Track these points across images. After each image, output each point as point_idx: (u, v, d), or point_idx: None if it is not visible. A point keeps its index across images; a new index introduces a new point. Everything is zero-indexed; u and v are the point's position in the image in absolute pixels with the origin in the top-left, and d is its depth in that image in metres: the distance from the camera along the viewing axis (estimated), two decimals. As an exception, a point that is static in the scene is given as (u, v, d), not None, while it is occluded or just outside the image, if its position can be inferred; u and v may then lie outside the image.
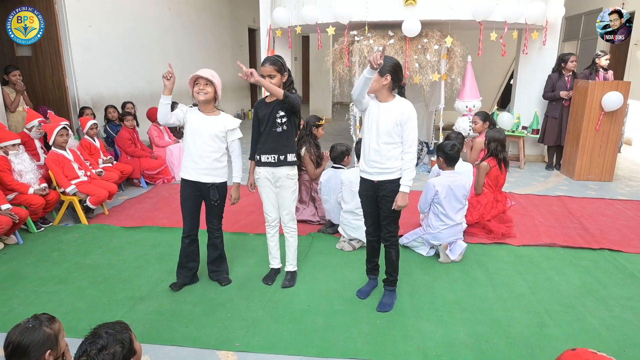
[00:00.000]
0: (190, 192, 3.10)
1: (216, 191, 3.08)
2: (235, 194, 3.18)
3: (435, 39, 5.77)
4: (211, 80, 2.93)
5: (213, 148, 3.01)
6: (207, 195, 3.09)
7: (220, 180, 3.09)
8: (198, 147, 2.99)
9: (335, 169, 4.15)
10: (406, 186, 2.73)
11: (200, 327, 2.75)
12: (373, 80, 2.62)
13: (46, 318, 1.74)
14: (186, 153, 3.06)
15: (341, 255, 3.78)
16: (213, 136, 2.99)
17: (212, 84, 2.95)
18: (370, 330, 2.73)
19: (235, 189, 3.17)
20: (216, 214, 3.20)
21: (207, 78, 2.92)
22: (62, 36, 6.24)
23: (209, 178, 3.05)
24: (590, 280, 3.37)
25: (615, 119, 5.90)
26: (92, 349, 1.61)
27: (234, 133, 3.07)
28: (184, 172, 3.09)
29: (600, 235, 4.20)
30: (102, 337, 1.64)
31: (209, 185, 3.05)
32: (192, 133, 3.00)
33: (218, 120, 3.03)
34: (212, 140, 3.00)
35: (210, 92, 2.95)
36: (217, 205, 3.13)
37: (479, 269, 3.53)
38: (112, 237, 4.17)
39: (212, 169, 3.03)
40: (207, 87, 2.94)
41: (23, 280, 3.34)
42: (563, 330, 2.74)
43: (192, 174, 3.05)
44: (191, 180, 3.06)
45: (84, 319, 2.83)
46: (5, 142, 4.25)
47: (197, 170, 3.03)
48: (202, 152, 3.00)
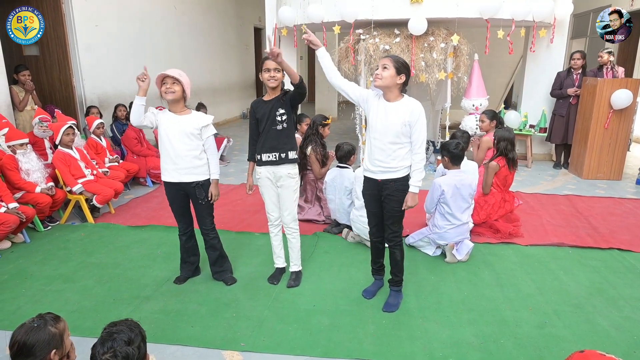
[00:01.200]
0: (175, 193, 3.11)
1: (202, 189, 3.06)
2: (215, 190, 3.13)
3: (442, 37, 5.72)
4: (178, 79, 2.90)
5: (190, 146, 2.99)
6: (193, 195, 3.08)
7: (203, 178, 3.07)
8: (175, 147, 2.97)
9: (341, 169, 4.13)
10: (415, 187, 2.71)
11: (206, 326, 2.75)
12: (389, 76, 2.60)
13: (51, 317, 1.74)
14: (164, 155, 3.04)
15: (347, 255, 3.76)
16: (188, 134, 2.97)
17: (179, 83, 2.91)
18: (376, 331, 2.71)
19: (214, 185, 3.12)
20: (207, 213, 3.18)
21: (174, 77, 2.88)
22: (69, 36, 6.27)
23: (191, 177, 3.03)
24: (599, 281, 3.33)
25: (624, 117, 5.83)
26: (118, 344, 1.60)
27: (207, 129, 3.05)
28: (165, 175, 3.08)
29: (610, 235, 4.15)
30: (124, 332, 1.64)
31: (193, 184, 3.04)
32: (167, 134, 2.97)
33: (190, 118, 3.01)
34: (188, 139, 2.97)
35: (178, 91, 2.91)
36: (204, 204, 3.12)
37: (486, 269, 3.50)
38: (118, 236, 4.18)
39: (193, 167, 3.02)
40: (175, 86, 2.90)
41: (30, 278, 3.36)
42: (571, 331, 2.71)
43: (173, 175, 3.04)
44: (174, 182, 3.05)
45: (90, 317, 2.84)
46: (14, 141, 4.28)
47: (178, 170, 3.01)
48: (180, 151, 2.97)
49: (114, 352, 1.58)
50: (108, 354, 1.57)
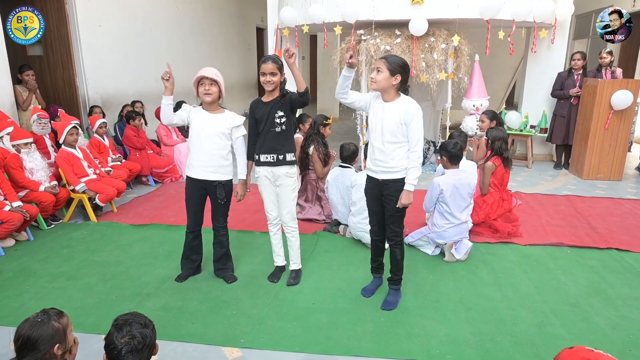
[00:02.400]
0: (195, 190, 3.15)
1: (222, 189, 3.11)
2: (242, 190, 3.20)
3: (443, 38, 5.75)
4: (216, 79, 2.96)
5: (219, 145, 3.04)
6: (213, 193, 3.13)
7: (226, 178, 3.12)
8: (204, 145, 3.03)
9: (343, 168, 4.16)
10: (411, 184, 2.73)
11: (206, 323, 2.79)
12: (382, 79, 2.64)
13: (54, 312, 1.78)
14: (192, 152, 3.09)
15: (346, 254, 3.79)
16: (219, 133, 3.03)
17: (216, 84, 2.98)
18: (375, 329, 2.74)
19: (241, 185, 3.19)
20: (222, 212, 3.23)
21: (212, 78, 2.95)
22: (73, 36, 6.31)
23: (215, 176, 3.08)
24: (597, 280, 3.35)
25: (624, 117, 5.85)
26: (136, 327, 1.69)
27: (238, 130, 3.10)
28: (190, 171, 3.13)
29: (609, 235, 4.17)
30: (139, 317, 1.74)
31: (215, 183, 3.09)
32: (198, 131, 3.03)
33: (223, 117, 3.06)
34: (219, 138, 3.03)
35: (215, 92, 2.98)
36: (223, 203, 3.16)
37: (484, 268, 3.53)
38: (120, 235, 4.22)
39: (219, 166, 3.07)
40: (212, 87, 2.97)
41: (33, 276, 3.41)
42: (568, 329, 2.73)
43: (199, 172, 3.09)
44: (198, 178, 3.09)
45: (93, 314, 2.88)
46: (18, 141, 4.32)
47: (205, 168, 3.07)
48: (209, 149, 3.03)
49: (132, 335, 1.66)
50: (127, 337, 1.66)
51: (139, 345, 1.66)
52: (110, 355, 1.67)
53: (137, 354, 1.67)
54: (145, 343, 1.69)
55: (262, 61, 2.93)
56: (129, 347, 1.65)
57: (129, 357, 1.65)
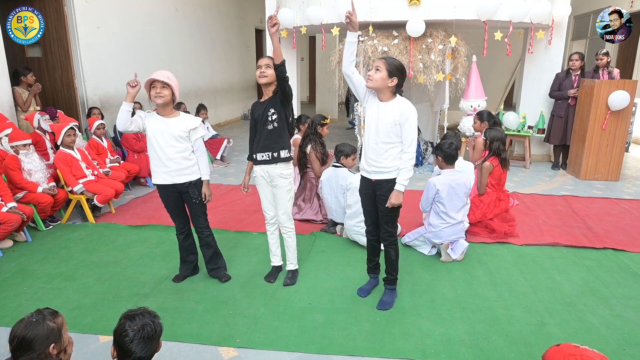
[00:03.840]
0: (168, 195, 3.15)
1: (195, 189, 3.11)
2: (207, 190, 3.17)
3: (440, 39, 5.77)
4: (168, 83, 2.92)
5: (178, 149, 3.02)
6: (186, 195, 3.13)
7: (195, 178, 3.12)
8: (164, 150, 3.00)
9: (336, 168, 4.17)
10: (401, 185, 2.73)
11: (202, 323, 2.80)
12: (380, 79, 2.64)
13: (49, 312, 1.79)
14: (153, 158, 3.06)
15: (343, 254, 3.80)
16: (177, 137, 3.00)
17: (168, 87, 2.94)
18: (370, 328, 2.75)
19: (206, 186, 3.16)
20: (200, 211, 3.23)
21: (163, 81, 2.91)
22: (71, 37, 6.34)
23: (183, 178, 3.08)
24: (592, 280, 3.36)
25: (622, 118, 5.86)
26: (147, 317, 1.75)
27: (196, 132, 3.08)
28: (156, 178, 3.11)
29: (605, 235, 4.18)
30: (148, 310, 1.81)
31: (186, 184, 3.09)
32: (155, 137, 3.00)
33: (178, 121, 3.03)
34: (177, 141, 3.01)
35: (167, 95, 2.94)
36: (198, 202, 3.16)
37: (480, 268, 3.54)
38: (118, 236, 4.24)
39: (183, 168, 3.06)
40: (164, 90, 2.93)
41: (31, 276, 3.42)
42: (562, 328, 2.75)
43: (165, 178, 3.07)
44: (166, 184, 3.09)
45: (90, 314, 2.90)
46: (17, 142, 4.34)
47: (169, 173, 3.05)
48: (169, 154, 3.01)
49: (144, 323, 1.72)
50: (140, 324, 1.72)
51: (151, 332, 1.72)
52: (121, 346, 1.71)
53: (149, 342, 1.72)
54: (156, 332, 1.75)
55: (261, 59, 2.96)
56: (142, 333, 1.70)
57: (141, 344, 1.70)
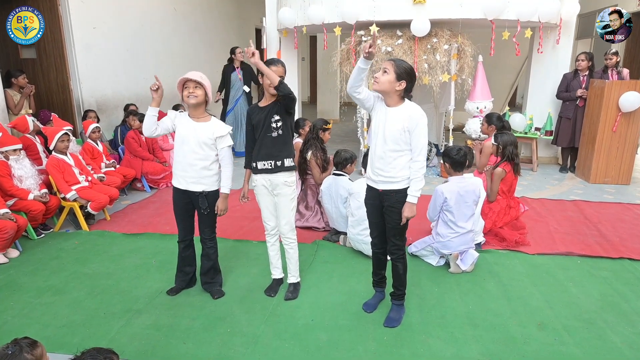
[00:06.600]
0: (180, 199, 3.02)
1: (205, 200, 2.96)
2: (222, 205, 3.01)
3: (445, 39, 5.60)
4: (200, 82, 2.81)
5: (200, 156, 2.88)
6: (197, 203, 2.99)
7: (211, 189, 2.97)
8: (186, 155, 2.88)
9: (336, 177, 4.00)
10: (414, 196, 2.57)
11: (199, 343, 2.63)
12: (386, 81, 2.48)
13: (27, 343, 1.63)
14: (176, 160, 2.95)
15: (347, 265, 3.63)
16: (201, 144, 2.87)
17: (201, 87, 2.83)
18: (377, 348, 2.58)
19: (222, 200, 3.00)
20: (208, 223, 3.08)
21: (197, 80, 2.80)
22: (66, 38, 6.17)
23: (198, 187, 2.93)
24: (610, 293, 3.19)
25: (633, 119, 5.69)
26: None
27: (223, 140, 2.93)
28: (174, 180, 3.00)
29: (620, 243, 4.01)
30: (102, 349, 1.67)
31: (197, 193, 2.94)
32: (181, 140, 2.89)
33: (207, 126, 2.90)
34: (200, 148, 2.87)
35: (200, 95, 2.83)
36: (207, 214, 3.01)
37: (491, 280, 3.37)
38: (112, 245, 4.07)
39: (201, 177, 2.92)
40: (197, 90, 2.82)
41: (19, 290, 3.25)
42: (582, 349, 2.57)
43: (181, 182, 2.95)
44: (181, 188, 2.96)
45: (79, 333, 2.73)
46: (6, 147, 4.17)
47: (186, 178, 2.92)
48: (190, 160, 2.88)
49: None
50: None
51: None
52: None
53: None
54: None
55: (269, 61, 2.83)
56: None
57: None
